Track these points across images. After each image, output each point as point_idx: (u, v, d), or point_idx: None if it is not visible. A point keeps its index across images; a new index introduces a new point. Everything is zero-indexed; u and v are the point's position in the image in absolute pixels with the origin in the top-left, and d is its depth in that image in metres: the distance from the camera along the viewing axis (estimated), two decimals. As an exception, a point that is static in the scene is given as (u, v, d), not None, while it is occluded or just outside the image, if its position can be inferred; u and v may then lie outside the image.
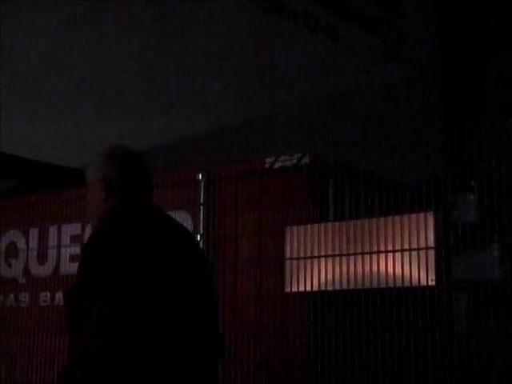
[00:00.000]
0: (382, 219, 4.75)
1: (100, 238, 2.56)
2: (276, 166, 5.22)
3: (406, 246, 4.63)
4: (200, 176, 5.54)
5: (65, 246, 6.21)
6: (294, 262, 5.00)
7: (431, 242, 4.56)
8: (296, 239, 5.03)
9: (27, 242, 6.50)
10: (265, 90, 9.50)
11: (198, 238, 5.46)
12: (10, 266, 6.59)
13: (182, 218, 5.60)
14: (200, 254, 2.87)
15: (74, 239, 6.14)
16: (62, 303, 6.02)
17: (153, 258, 2.53)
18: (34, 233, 6.48)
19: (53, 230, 6.29)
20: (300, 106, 9.67)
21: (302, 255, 4.99)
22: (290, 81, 9.74)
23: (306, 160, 5.11)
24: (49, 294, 6.21)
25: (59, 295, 6.14)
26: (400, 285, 4.63)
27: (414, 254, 4.59)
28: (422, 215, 4.60)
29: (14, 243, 6.61)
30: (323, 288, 4.91)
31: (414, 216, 4.63)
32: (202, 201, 5.52)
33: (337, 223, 4.94)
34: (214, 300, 2.85)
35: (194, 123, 8.83)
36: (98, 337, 2.36)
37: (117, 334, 2.38)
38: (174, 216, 5.46)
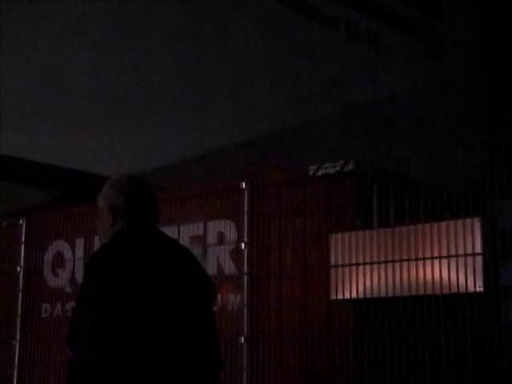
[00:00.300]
0: (428, 225, 4.71)
1: (97, 258, 2.80)
2: (319, 173, 5.20)
3: (453, 253, 4.58)
4: (243, 184, 5.55)
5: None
6: (339, 269, 4.98)
7: (478, 248, 4.51)
8: (341, 246, 5.00)
9: (73, 252, 6.57)
10: (307, 97, 9.50)
11: (243, 246, 5.48)
12: (56, 275, 6.67)
13: (226, 226, 5.63)
14: (197, 273, 3.00)
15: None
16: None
17: (143, 277, 2.73)
18: (79, 243, 6.55)
19: (98, 240, 6.34)
20: (342, 113, 9.64)
21: (346, 262, 4.97)
22: (331, 88, 9.72)
23: (349, 167, 5.09)
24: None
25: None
26: (447, 291, 4.58)
27: (461, 260, 4.54)
28: (468, 221, 4.54)
29: (61, 253, 6.69)
30: (369, 295, 4.88)
31: (460, 222, 4.58)
32: (245, 209, 5.52)
33: (382, 230, 4.91)
34: (210, 316, 2.97)
35: (236, 132, 8.87)
36: (88, 349, 2.59)
37: (104, 346, 2.59)
38: (218, 225, 5.58)
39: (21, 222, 6.97)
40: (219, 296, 5.59)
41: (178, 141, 8.53)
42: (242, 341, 5.37)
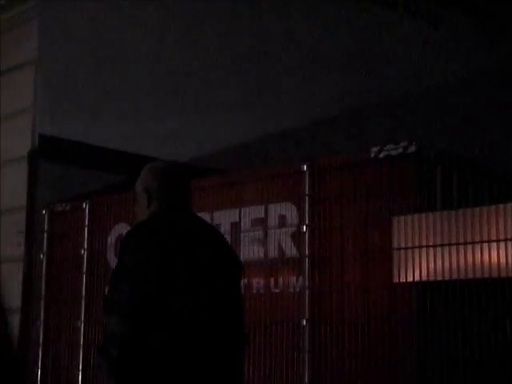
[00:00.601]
0: (493, 207, 4.64)
1: (133, 234, 2.96)
2: (381, 155, 5.16)
3: (518, 235, 4.51)
4: (305, 167, 5.54)
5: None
6: (402, 251, 4.95)
7: (545, 231, 4.43)
8: (403, 229, 4.96)
9: (135, 235, 6.64)
10: (367, 79, 9.42)
11: (304, 229, 5.48)
12: (119, 258, 6.76)
13: (287, 209, 5.63)
14: (227, 254, 3.15)
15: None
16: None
17: (175, 254, 2.89)
18: (141, 226, 6.62)
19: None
20: (402, 95, 9.54)
21: (409, 245, 4.93)
22: (391, 69, 9.62)
23: (412, 149, 5.03)
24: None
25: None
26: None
27: (527, 242, 4.47)
28: (535, 203, 4.47)
29: (122, 236, 6.77)
30: (432, 278, 4.83)
31: (525, 204, 4.51)
32: (307, 192, 5.51)
33: (445, 212, 4.85)
34: (237, 294, 3.12)
35: (298, 115, 8.85)
36: (120, 317, 2.76)
37: (135, 316, 2.76)
38: (279, 207, 5.59)
39: (84, 205, 7.09)
40: (281, 278, 5.61)
41: (239, 125, 8.55)
42: (304, 323, 5.38)
